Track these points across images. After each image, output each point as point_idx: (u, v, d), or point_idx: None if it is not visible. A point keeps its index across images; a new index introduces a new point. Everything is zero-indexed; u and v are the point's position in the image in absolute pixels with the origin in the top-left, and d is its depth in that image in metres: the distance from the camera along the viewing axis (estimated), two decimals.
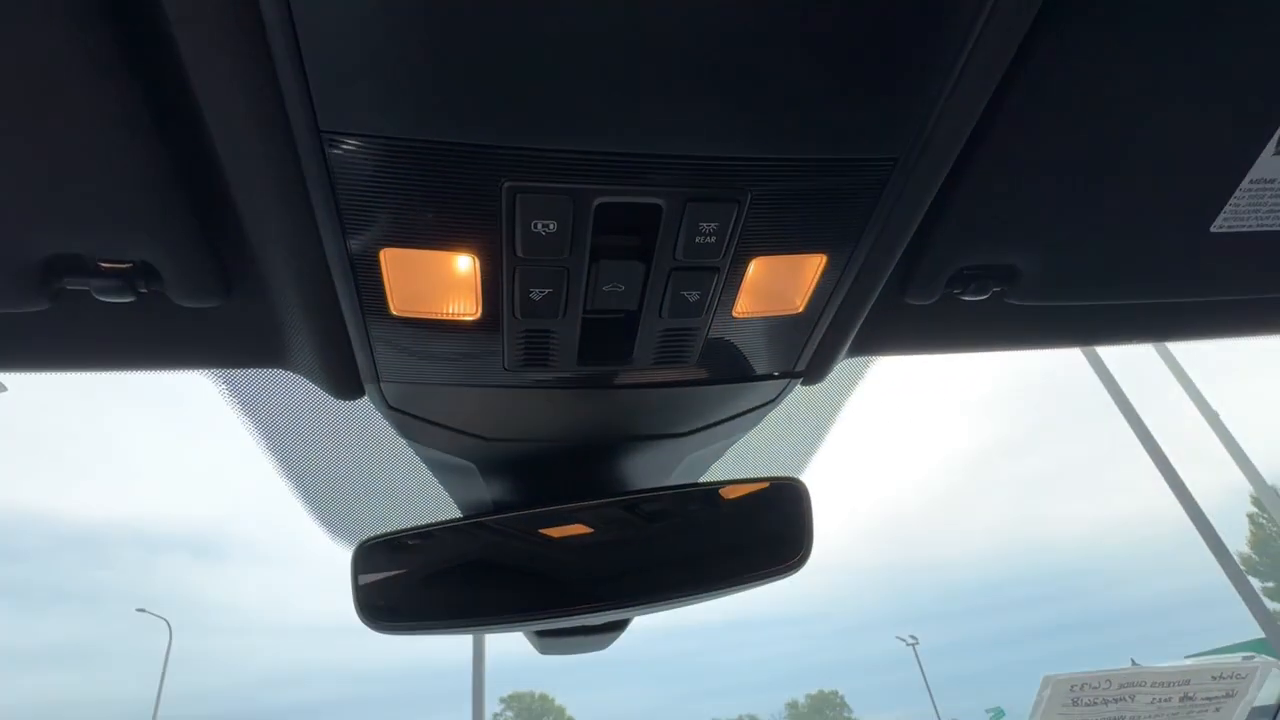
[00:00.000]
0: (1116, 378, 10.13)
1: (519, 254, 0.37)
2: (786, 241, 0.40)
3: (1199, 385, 10.13)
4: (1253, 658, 0.87)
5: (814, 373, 0.50)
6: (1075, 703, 0.89)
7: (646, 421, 0.49)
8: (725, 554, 0.48)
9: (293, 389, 0.54)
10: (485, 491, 0.51)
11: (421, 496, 0.57)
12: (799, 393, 0.51)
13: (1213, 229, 0.49)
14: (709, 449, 0.52)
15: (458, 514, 0.57)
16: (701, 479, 0.59)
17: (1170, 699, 0.89)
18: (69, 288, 0.40)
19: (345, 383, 0.47)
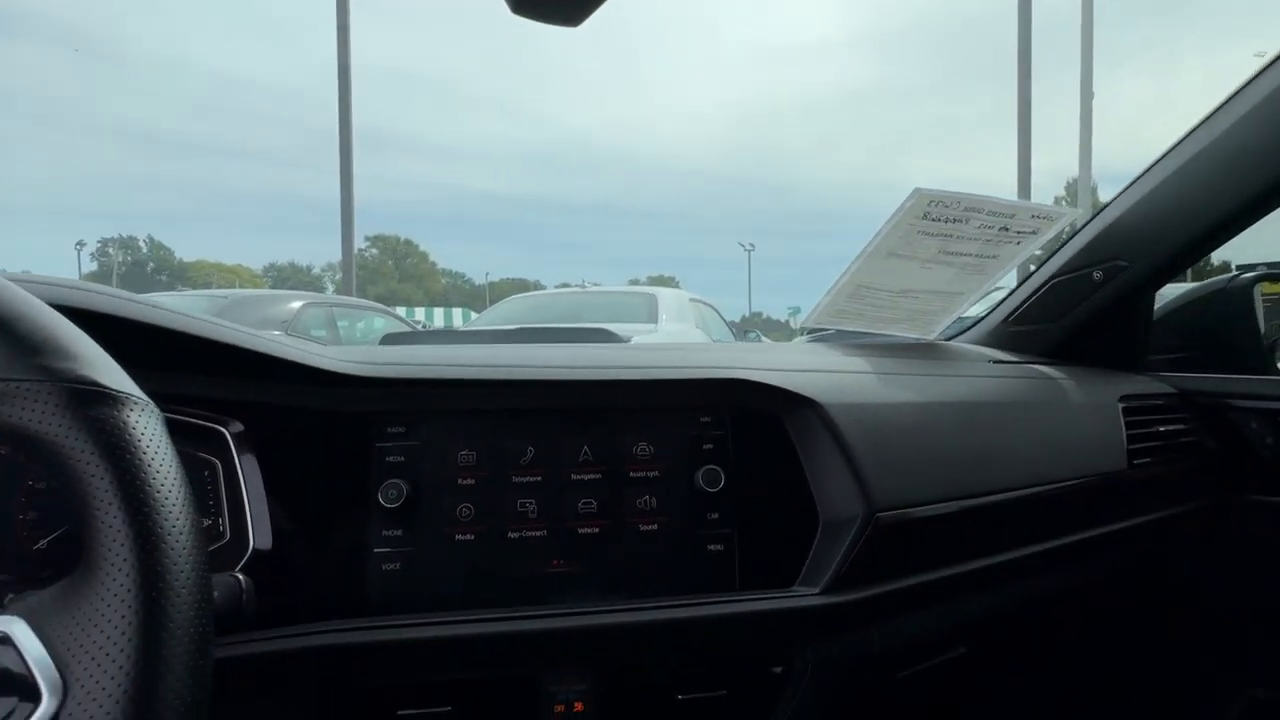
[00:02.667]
0: (1032, 41, 10.01)
1: None
2: None
3: (1095, 69, 10.36)
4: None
5: None
6: (925, 216, 1.08)
7: None
8: None
9: None
10: None
11: None
12: None
13: None
14: None
15: None
16: None
17: (993, 227, 1.10)
18: None
19: None
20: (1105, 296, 1.05)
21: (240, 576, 0.48)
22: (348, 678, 0.60)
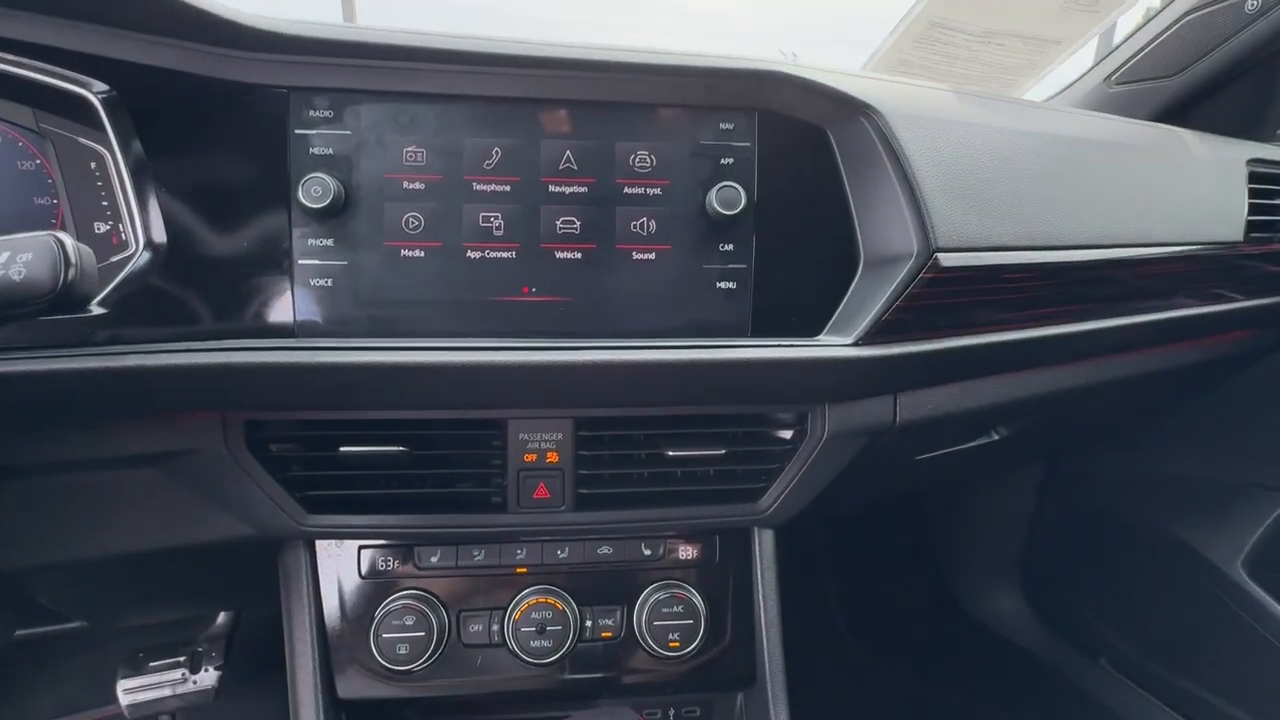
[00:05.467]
0: None
1: None
2: None
3: None
4: None
5: None
6: None
7: None
8: None
9: None
10: None
11: None
12: None
13: None
14: None
15: None
16: None
17: None
18: None
19: None
20: (1255, 35, 0.82)
21: (62, 237, 0.36)
22: (265, 406, 0.51)
